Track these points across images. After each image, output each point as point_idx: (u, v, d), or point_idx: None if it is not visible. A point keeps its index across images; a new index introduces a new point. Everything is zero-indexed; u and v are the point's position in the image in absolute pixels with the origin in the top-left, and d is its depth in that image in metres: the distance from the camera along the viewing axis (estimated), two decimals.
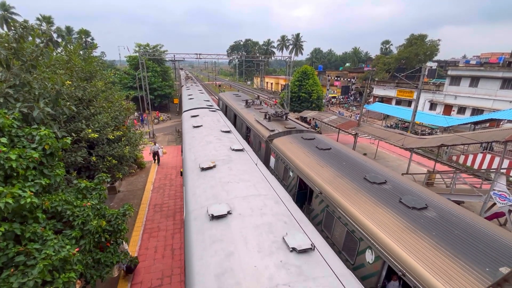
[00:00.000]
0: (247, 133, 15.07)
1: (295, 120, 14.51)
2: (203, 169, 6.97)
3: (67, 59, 9.28)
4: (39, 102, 5.33)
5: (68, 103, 6.40)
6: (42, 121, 5.41)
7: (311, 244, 4.12)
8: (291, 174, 9.42)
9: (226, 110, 21.01)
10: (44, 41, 7.52)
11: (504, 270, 1.91)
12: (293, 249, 4.05)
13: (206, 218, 4.98)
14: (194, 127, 11.28)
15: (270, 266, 3.78)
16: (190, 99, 19.43)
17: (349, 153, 9.45)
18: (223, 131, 10.50)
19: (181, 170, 8.91)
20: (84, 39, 48.55)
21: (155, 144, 17.55)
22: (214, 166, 7.08)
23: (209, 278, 3.72)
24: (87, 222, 4.82)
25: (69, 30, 49.33)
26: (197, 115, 13.40)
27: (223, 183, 6.23)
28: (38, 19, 42.38)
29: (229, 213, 4.99)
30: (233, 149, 8.43)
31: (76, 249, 4.27)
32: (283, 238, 4.29)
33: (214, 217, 4.88)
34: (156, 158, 17.58)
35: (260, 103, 19.43)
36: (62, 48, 11.00)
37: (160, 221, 11.23)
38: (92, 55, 11.05)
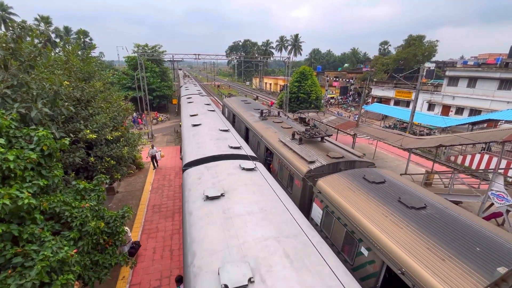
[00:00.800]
0: (267, 156, 11.95)
1: (336, 143, 10.67)
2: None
3: (65, 60, 9.25)
4: (37, 102, 5.30)
5: (66, 103, 6.38)
6: (40, 121, 5.38)
7: None
8: (365, 252, 5.79)
9: (233, 120, 17.91)
10: (42, 41, 7.50)
11: (502, 270, 1.91)
12: None
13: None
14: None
15: None
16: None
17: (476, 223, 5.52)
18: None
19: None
20: (82, 40, 48.43)
21: (153, 148, 16.56)
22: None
23: None
24: (86, 223, 4.79)
25: (67, 30, 49.18)
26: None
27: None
28: (36, 19, 42.23)
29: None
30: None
31: (74, 251, 4.25)
32: None
33: None
34: (154, 161, 16.80)
35: (278, 113, 15.77)
36: (60, 48, 10.97)
37: (159, 221, 11.20)
38: (90, 55, 11.03)
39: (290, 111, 28.52)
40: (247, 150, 9.29)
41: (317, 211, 7.48)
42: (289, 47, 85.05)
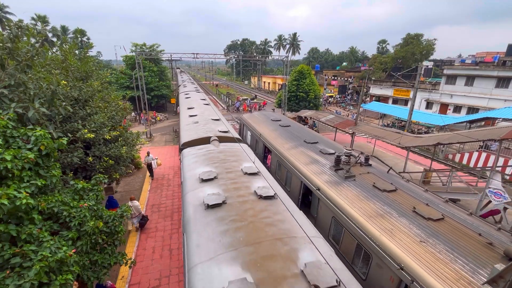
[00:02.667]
0: (357, 254, 6.29)
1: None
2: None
3: (62, 59, 9.21)
4: (34, 102, 5.28)
5: (64, 103, 6.35)
6: (38, 121, 5.35)
7: None
8: None
9: (265, 151, 12.97)
10: (40, 40, 7.45)
11: (499, 266, 1.93)
12: None
13: None
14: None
15: None
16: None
17: None
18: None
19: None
20: (79, 39, 48.15)
21: (148, 155, 14.86)
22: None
23: None
24: (84, 223, 4.78)
25: (64, 29, 48.87)
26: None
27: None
28: (33, 18, 41.94)
29: None
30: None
31: (73, 251, 4.24)
32: None
33: None
34: (150, 170, 15.19)
35: (355, 161, 8.74)
36: (57, 47, 10.92)
37: (157, 221, 11.19)
38: (88, 54, 10.98)
39: (288, 110, 28.52)
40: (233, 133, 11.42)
41: None
42: (288, 46, 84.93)
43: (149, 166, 15.01)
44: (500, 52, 48.66)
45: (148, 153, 14.97)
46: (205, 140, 10.10)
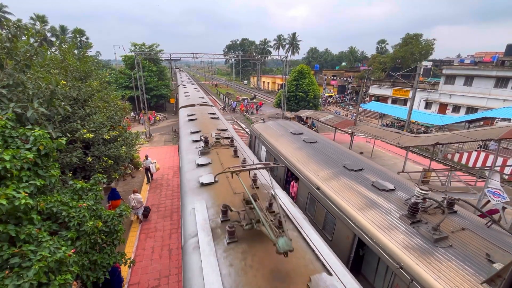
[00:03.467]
0: None
1: None
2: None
3: (61, 59, 9.19)
4: (33, 102, 5.27)
5: (63, 103, 6.34)
6: (37, 121, 5.34)
7: None
8: None
9: (287, 176, 10.30)
10: (38, 40, 7.44)
11: (498, 266, 1.93)
12: None
13: None
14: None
15: None
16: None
17: None
18: None
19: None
20: (78, 39, 48.06)
21: (147, 158, 14.43)
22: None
23: None
24: (83, 223, 4.77)
25: (63, 29, 48.79)
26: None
27: None
28: (32, 18, 41.84)
29: None
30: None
31: (72, 251, 4.23)
32: None
33: None
34: (148, 174, 14.75)
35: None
36: (56, 47, 10.89)
37: (157, 221, 11.19)
38: (87, 54, 10.96)
39: (288, 110, 28.54)
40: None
41: None
42: (287, 46, 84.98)
43: (147, 171, 14.50)
44: (499, 52, 48.77)
45: (146, 157, 14.44)
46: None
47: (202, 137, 8.59)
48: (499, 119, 24.39)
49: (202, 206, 5.31)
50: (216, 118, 13.02)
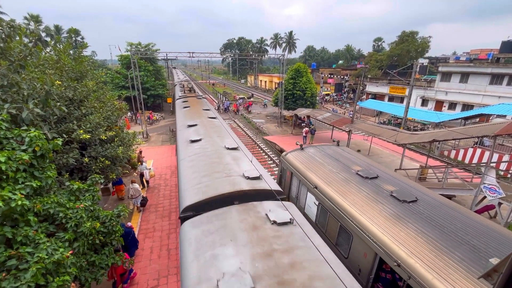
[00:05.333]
0: None
1: None
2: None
3: (56, 59, 9.09)
4: (28, 103, 5.21)
5: (59, 103, 6.28)
6: (32, 122, 5.29)
7: None
8: None
9: (374, 262, 6.02)
10: (33, 40, 7.36)
11: (494, 260, 1.96)
12: None
13: None
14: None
15: None
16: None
17: None
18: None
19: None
20: (73, 38, 47.63)
21: (142, 164, 13.84)
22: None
23: None
24: (81, 224, 4.75)
25: (58, 29, 48.29)
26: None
27: None
28: (25, 18, 41.36)
29: None
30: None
31: (70, 252, 4.21)
32: None
33: None
34: (143, 181, 13.95)
35: None
36: (51, 47, 10.78)
37: (155, 221, 11.16)
38: (82, 54, 10.86)
39: (285, 109, 28.53)
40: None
41: None
42: (284, 45, 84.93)
43: (141, 176, 13.82)
44: (494, 49, 49.17)
45: (141, 162, 13.91)
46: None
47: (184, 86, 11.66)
48: (495, 116, 24.62)
49: None
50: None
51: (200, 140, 10.16)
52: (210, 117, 14.13)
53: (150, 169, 14.42)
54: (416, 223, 5.80)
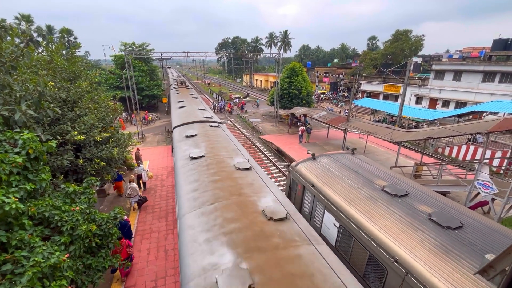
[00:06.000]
0: None
1: None
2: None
3: (49, 59, 8.96)
4: (20, 104, 5.13)
5: (52, 105, 6.19)
6: (25, 124, 5.21)
7: None
8: None
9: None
10: (24, 41, 7.23)
11: (490, 256, 1.98)
12: None
13: None
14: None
15: None
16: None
17: None
18: None
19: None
20: (66, 39, 46.99)
21: (139, 165, 13.72)
22: None
23: None
24: (77, 227, 4.69)
25: (50, 29, 47.59)
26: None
27: None
28: (16, 18, 40.66)
29: None
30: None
31: (66, 255, 4.16)
32: None
33: None
34: (140, 183, 13.58)
35: None
36: (43, 48, 10.61)
37: (152, 222, 11.09)
38: (75, 54, 10.71)
39: (281, 108, 28.56)
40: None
41: None
42: (279, 44, 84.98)
43: (139, 178, 13.44)
44: (486, 47, 49.86)
45: (138, 164, 13.79)
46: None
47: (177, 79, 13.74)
48: (487, 113, 25.00)
49: None
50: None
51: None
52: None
53: (147, 170, 14.18)
54: (471, 259, 4.62)
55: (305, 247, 4.46)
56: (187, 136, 10.14)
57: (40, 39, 41.40)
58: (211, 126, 11.86)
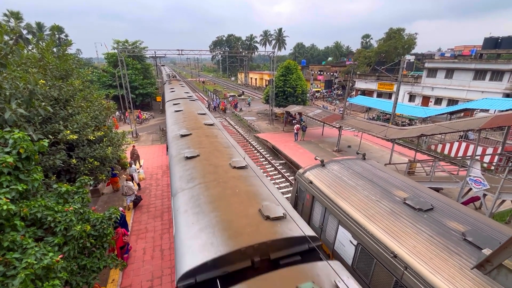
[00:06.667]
0: None
1: None
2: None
3: (39, 57, 8.76)
4: (10, 103, 5.00)
5: (43, 103, 6.06)
6: (15, 123, 5.09)
7: None
8: None
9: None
10: (13, 38, 7.04)
11: (487, 251, 2.01)
12: None
13: None
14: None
15: None
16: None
17: None
18: None
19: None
20: (57, 36, 46.06)
21: (131, 166, 13.52)
22: None
23: None
24: (70, 227, 4.62)
25: (40, 26, 46.56)
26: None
27: None
28: (5, 15, 39.66)
29: None
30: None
31: (60, 256, 4.09)
32: None
33: None
34: (134, 183, 13.09)
35: None
36: (33, 45, 10.37)
37: (147, 222, 11.00)
38: (66, 52, 10.49)
39: (276, 106, 28.57)
40: None
41: None
42: (274, 42, 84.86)
43: (132, 180, 12.71)
44: (477, 45, 50.65)
45: (130, 164, 13.56)
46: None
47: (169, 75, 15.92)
48: (478, 110, 25.45)
49: None
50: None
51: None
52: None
53: (139, 172, 13.84)
54: None
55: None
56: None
57: (30, 37, 40.48)
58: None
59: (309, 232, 4.80)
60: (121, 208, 9.46)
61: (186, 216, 5.23)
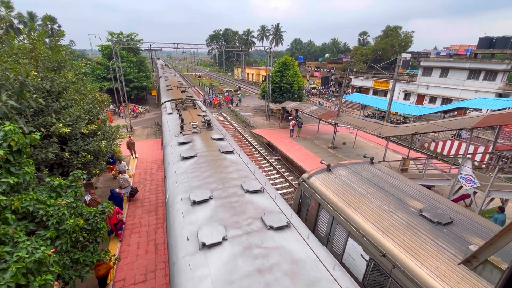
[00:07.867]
0: None
1: None
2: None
3: (31, 48, 8.55)
4: (1, 94, 4.90)
5: (35, 95, 5.94)
6: (6, 115, 4.99)
7: None
8: None
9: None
10: (3, 27, 6.86)
11: (473, 247, 2.07)
12: None
13: None
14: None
15: None
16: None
17: None
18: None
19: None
20: (49, 26, 45.00)
21: (120, 162, 13.19)
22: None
23: None
24: (63, 221, 4.58)
25: (31, 16, 45.39)
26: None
27: None
28: None
29: None
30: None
31: (52, 250, 4.06)
32: None
33: None
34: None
35: None
36: (24, 35, 10.11)
37: (141, 216, 10.98)
38: (59, 43, 10.26)
39: (273, 102, 28.52)
40: None
41: None
42: (271, 37, 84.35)
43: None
44: (472, 45, 51.12)
45: (119, 160, 13.31)
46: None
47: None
48: (471, 109, 25.80)
49: None
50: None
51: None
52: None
53: (128, 168, 13.50)
54: None
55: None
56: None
57: (21, 26, 39.45)
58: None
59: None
60: (117, 190, 10.41)
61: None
